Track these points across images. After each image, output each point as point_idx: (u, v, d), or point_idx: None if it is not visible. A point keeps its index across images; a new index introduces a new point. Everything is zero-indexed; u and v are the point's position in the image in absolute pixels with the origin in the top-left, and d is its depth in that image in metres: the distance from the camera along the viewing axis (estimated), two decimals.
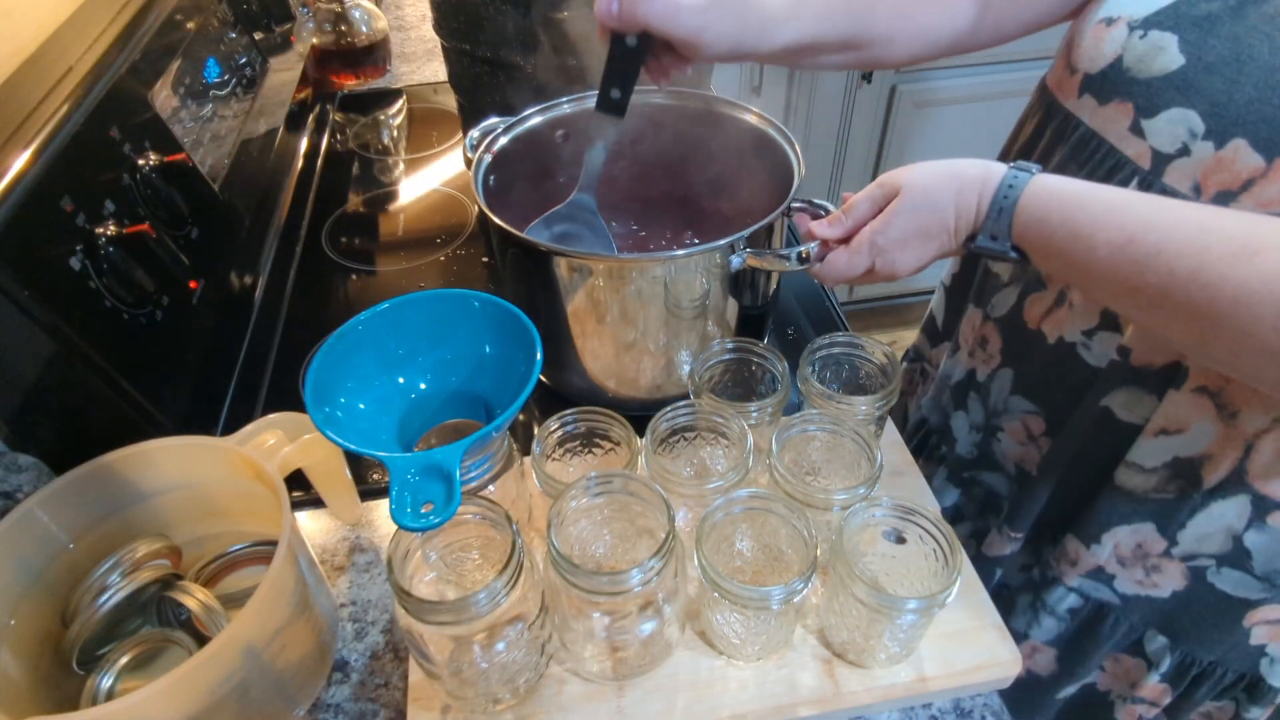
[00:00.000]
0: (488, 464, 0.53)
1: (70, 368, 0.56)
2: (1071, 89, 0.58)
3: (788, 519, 0.51)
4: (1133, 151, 0.53)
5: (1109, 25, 0.54)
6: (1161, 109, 0.51)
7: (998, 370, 0.68)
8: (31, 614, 0.48)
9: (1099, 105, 0.55)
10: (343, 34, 1.24)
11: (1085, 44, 0.56)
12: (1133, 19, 0.53)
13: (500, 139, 0.73)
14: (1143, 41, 0.52)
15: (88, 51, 0.69)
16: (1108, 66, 0.54)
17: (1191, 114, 0.49)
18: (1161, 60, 0.51)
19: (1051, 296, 0.61)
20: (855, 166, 1.97)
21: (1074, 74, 0.57)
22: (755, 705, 0.51)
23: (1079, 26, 0.57)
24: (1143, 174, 0.52)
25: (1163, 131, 0.51)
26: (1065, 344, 0.60)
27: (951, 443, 0.76)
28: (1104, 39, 0.54)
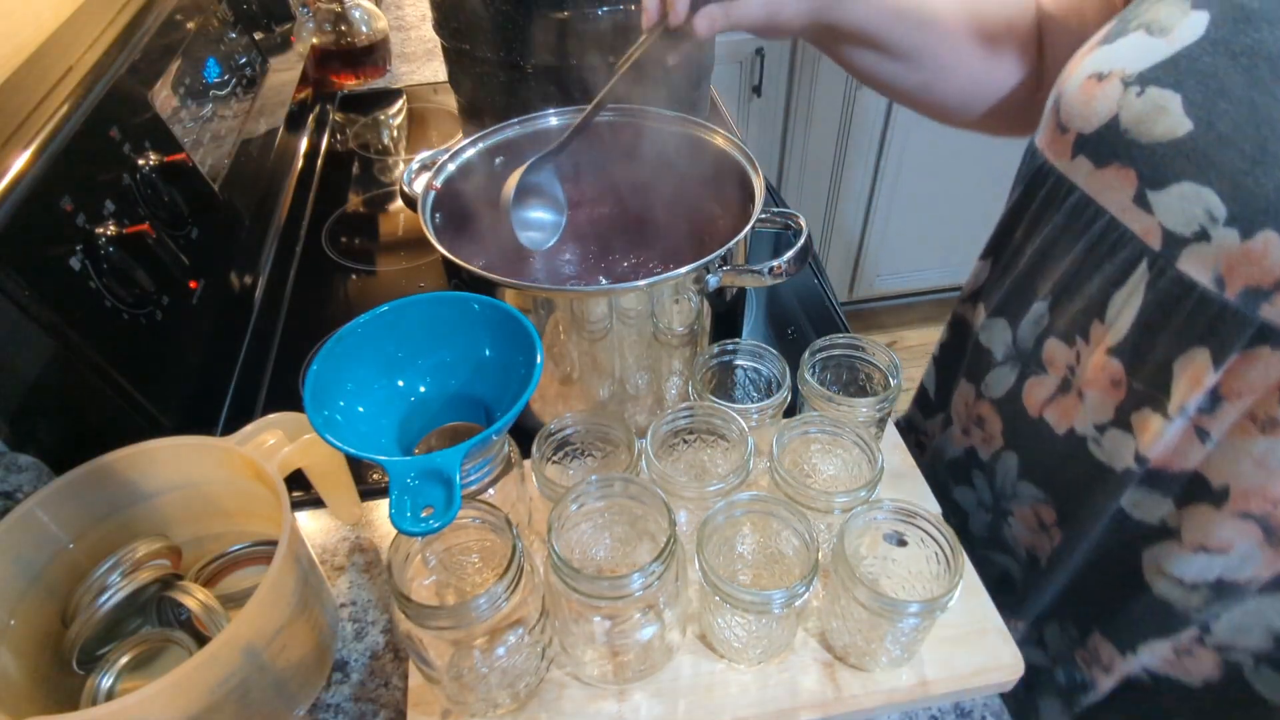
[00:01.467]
0: (488, 467, 0.53)
1: (70, 368, 0.56)
2: (1064, 149, 0.52)
3: (789, 522, 0.51)
4: (1138, 226, 0.47)
5: (1099, 81, 0.49)
6: (1171, 181, 0.45)
7: (1001, 452, 0.62)
8: (31, 614, 0.48)
9: (1095, 168, 0.49)
10: (343, 34, 1.24)
11: (1073, 102, 0.50)
12: (1126, 75, 0.47)
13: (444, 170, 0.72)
14: (1140, 100, 0.46)
15: (88, 51, 0.69)
16: (1103, 126, 0.48)
17: (1208, 192, 0.43)
18: (1165, 123, 0.45)
19: (1053, 383, 0.55)
20: (855, 167, 1.97)
21: (1065, 133, 0.51)
22: (756, 709, 0.51)
23: (1062, 84, 0.52)
24: (1152, 255, 0.46)
25: (1174, 209, 0.45)
26: (1076, 437, 0.54)
27: (963, 517, 0.69)
28: (1095, 97, 0.49)
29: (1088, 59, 0.50)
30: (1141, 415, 0.49)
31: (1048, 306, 0.55)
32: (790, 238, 0.65)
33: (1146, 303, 0.47)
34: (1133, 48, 0.48)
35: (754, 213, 0.64)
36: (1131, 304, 0.48)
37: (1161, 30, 0.47)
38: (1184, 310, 0.45)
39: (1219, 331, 0.44)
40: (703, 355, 0.62)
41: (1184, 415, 0.46)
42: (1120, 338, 0.49)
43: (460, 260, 0.60)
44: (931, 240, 2.14)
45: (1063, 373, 0.54)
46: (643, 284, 0.59)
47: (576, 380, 0.66)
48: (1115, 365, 0.49)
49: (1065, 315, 0.53)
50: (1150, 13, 0.48)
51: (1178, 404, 0.46)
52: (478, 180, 0.75)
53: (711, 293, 0.63)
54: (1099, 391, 0.51)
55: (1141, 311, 0.47)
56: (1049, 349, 0.55)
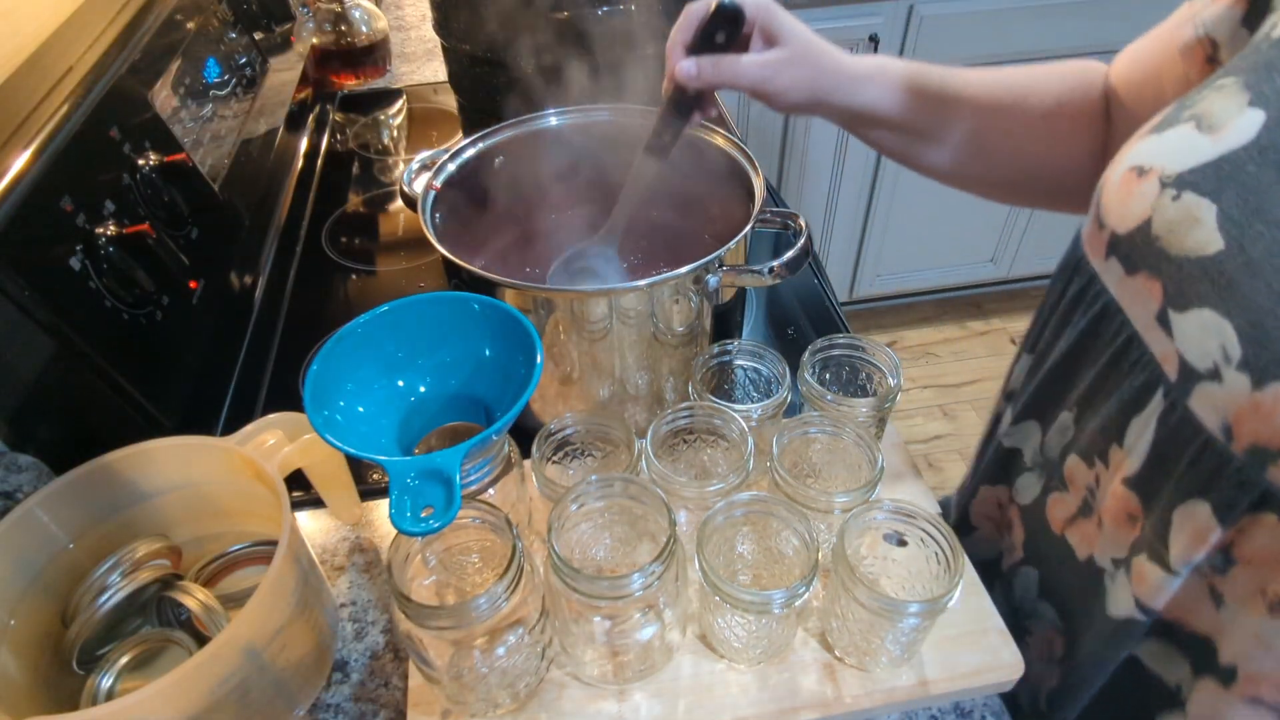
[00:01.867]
0: (487, 467, 0.53)
1: (70, 368, 0.56)
2: (1099, 246, 0.46)
3: (789, 522, 0.51)
4: (1159, 349, 0.41)
5: (1140, 176, 0.42)
6: (1192, 304, 0.39)
7: (1020, 567, 0.57)
8: (31, 614, 0.48)
9: (1126, 274, 0.43)
10: (343, 34, 1.23)
11: (1111, 196, 0.45)
12: (1166, 174, 0.41)
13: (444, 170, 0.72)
14: (1175, 205, 0.40)
15: (88, 51, 0.69)
16: (1135, 229, 0.42)
17: (1227, 326, 0.37)
18: (1197, 236, 0.39)
19: (1074, 502, 0.50)
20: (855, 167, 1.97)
21: (1102, 229, 0.45)
22: (756, 709, 0.51)
23: (1108, 171, 0.46)
24: (1168, 385, 0.41)
25: (1193, 338, 0.39)
26: (1095, 566, 0.48)
27: None
28: (1133, 194, 0.43)
29: (1135, 147, 0.44)
30: (1140, 561, 0.44)
31: (1073, 419, 0.50)
32: (790, 238, 0.65)
33: (1158, 438, 0.42)
34: (1178, 142, 0.42)
35: (754, 213, 0.64)
36: (1145, 436, 0.43)
37: (1211, 126, 0.40)
38: (1188, 455, 0.40)
39: (1221, 488, 0.39)
40: (703, 355, 0.62)
41: (1191, 569, 0.41)
42: (1135, 470, 0.43)
43: (460, 260, 0.60)
44: (931, 240, 2.14)
45: (1083, 493, 0.49)
46: (643, 284, 0.59)
47: (576, 380, 0.66)
48: (1132, 499, 0.44)
49: (1087, 432, 0.48)
50: (1205, 103, 0.42)
51: (1179, 557, 0.41)
52: (478, 180, 0.75)
53: (711, 293, 0.63)
54: (1115, 524, 0.46)
55: (1153, 446, 0.42)
56: (1070, 465, 0.50)
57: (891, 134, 0.65)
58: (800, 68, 0.60)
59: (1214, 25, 0.47)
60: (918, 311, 2.39)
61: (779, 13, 0.61)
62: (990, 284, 2.35)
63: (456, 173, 0.73)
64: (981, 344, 2.31)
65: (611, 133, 0.77)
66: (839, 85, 0.61)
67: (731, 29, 0.60)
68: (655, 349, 0.64)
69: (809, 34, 0.61)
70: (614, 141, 0.78)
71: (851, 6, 1.69)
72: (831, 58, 0.61)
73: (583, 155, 0.79)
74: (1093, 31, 1.76)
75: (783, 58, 0.59)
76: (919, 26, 1.74)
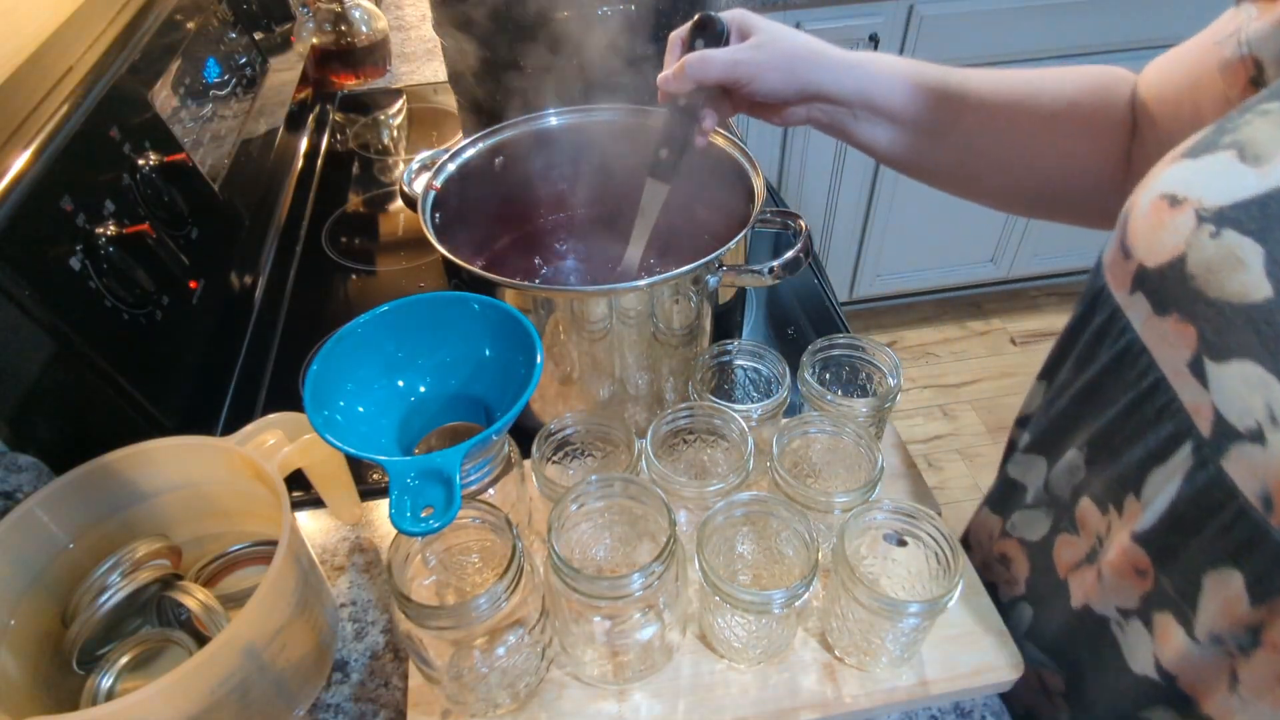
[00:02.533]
0: (488, 467, 0.53)
1: (70, 368, 0.56)
2: (1124, 278, 0.42)
3: (789, 522, 0.51)
4: (1190, 400, 0.38)
5: (1172, 206, 0.38)
6: (1234, 354, 0.35)
7: (1018, 602, 0.55)
8: (31, 614, 0.48)
9: (1154, 313, 0.39)
10: (343, 34, 1.23)
11: (1139, 224, 0.40)
12: (1203, 207, 0.37)
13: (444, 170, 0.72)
14: (1214, 243, 0.36)
15: (88, 51, 0.69)
16: (1167, 265, 0.38)
17: (1273, 382, 0.34)
18: (1239, 279, 0.35)
19: (1084, 548, 0.47)
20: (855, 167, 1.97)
21: (1128, 259, 0.41)
22: (756, 709, 0.51)
23: (1136, 197, 0.42)
24: (1198, 440, 0.37)
25: (1232, 392, 0.35)
26: (1094, 615, 0.46)
27: None
28: (1164, 225, 0.38)
29: (1166, 172, 0.40)
30: (1164, 619, 0.41)
31: (1084, 459, 0.47)
32: (790, 238, 0.65)
33: (1182, 494, 0.38)
34: (1218, 172, 0.38)
35: (754, 213, 0.64)
36: (1167, 490, 0.39)
37: (1256, 157, 0.36)
38: (1220, 520, 0.37)
39: (1255, 560, 0.35)
40: (703, 355, 0.62)
41: (1215, 642, 0.39)
42: (1149, 524, 0.41)
43: (460, 260, 0.60)
44: (931, 240, 2.14)
45: (1092, 540, 0.46)
46: (643, 284, 0.59)
47: (576, 380, 0.66)
48: (1139, 554, 0.42)
49: (1102, 476, 0.45)
50: (1248, 130, 0.38)
51: (1205, 627, 0.39)
52: (478, 180, 0.75)
53: (711, 293, 0.63)
54: (1119, 576, 0.43)
55: (1175, 503, 0.39)
56: (1083, 508, 0.47)
57: (887, 131, 0.63)
58: (771, 52, 0.59)
59: (1259, 43, 0.43)
60: (918, 311, 2.39)
61: (753, 15, 0.61)
62: (990, 284, 2.35)
63: (456, 173, 0.73)
64: (981, 344, 2.31)
65: (611, 133, 0.77)
66: (821, 68, 0.60)
67: (710, 37, 0.61)
68: (655, 349, 0.64)
69: (785, 28, 0.61)
70: (614, 141, 0.78)
71: (851, 6, 1.69)
72: (808, 44, 0.60)
73: (583, 155, 0.79)
74: (1094, 31, 1.76)
75: (751, 44, 0.60)
76: (919, 26, 1.74)
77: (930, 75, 0.61)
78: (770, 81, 0.60)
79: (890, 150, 0.65)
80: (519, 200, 0.80)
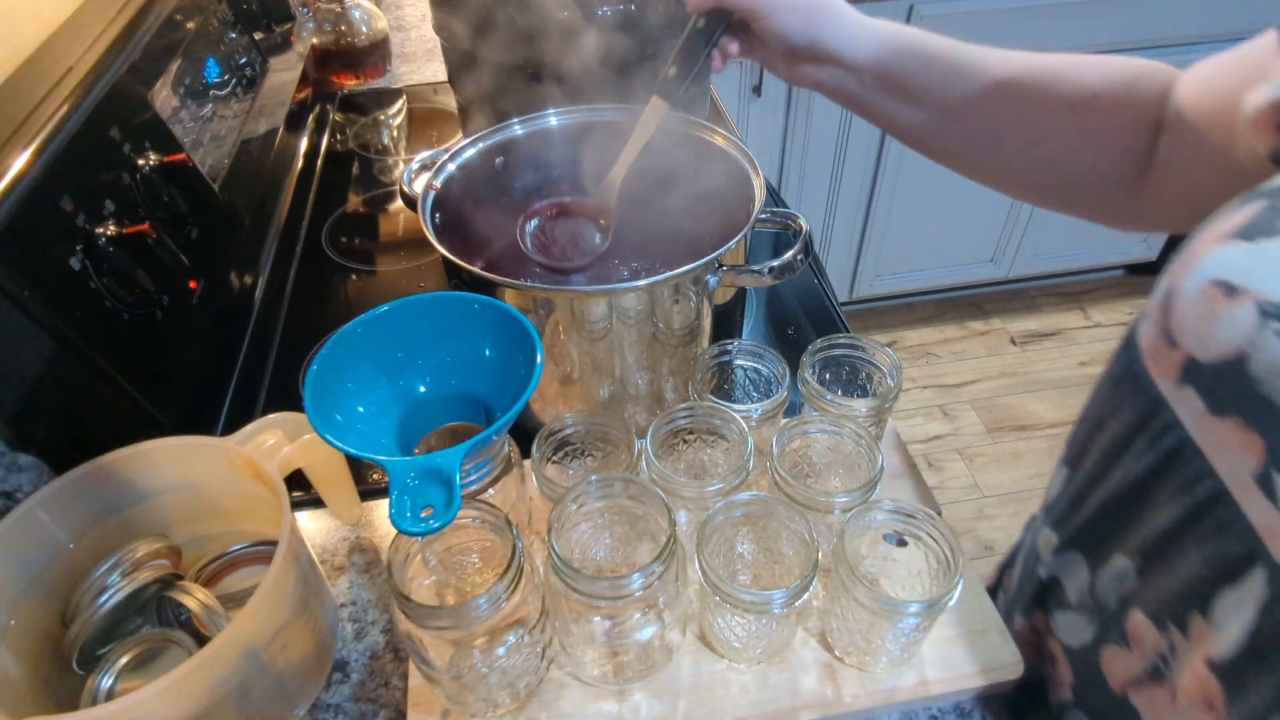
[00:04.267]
0: (487, 467, 0.53)
1: (70, 368, 0.56)
2: (1169, 367, 0.37)
3: (789, 522, 0.51)
4: (1259, 517, 0.34)
5: (1228, 297, 0.34)
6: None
7: (1070, 709, 0.50)
8: (31, 614, 0.48)
9: (1209, 413, 0.35)
10: (343, 34, 1.24)
11: (1187, 311, 0.36)
12: (1267, 302, 0.33)
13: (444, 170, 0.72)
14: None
15: (88, 51, 0.69)
16: (1224, 363, 0.34)
17: None
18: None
19: (1139, 665, 0.42)
20: (855, 167, 1.97)
21: (1173, 347, 0.37)
22: (756, 709, 0.51)
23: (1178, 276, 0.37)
24: (1273, 568, 0.33)
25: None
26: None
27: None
28: (1219, 316, 0.34)
29: (1216, 253, 0.36)
30: None
31: (1134, 568, 0.43)
32: (790, 238, 0.65)
33: (1262, 624, 0.34)
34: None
35: (754, 213, 0.64)
36: (1242, 614, 0.35)
37: None
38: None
39: None
40: (703, 355, 0.62)
41: None
42: (1225, 651, 0.36)
43: (460, 260, 0.60)
44: (931, 240, 2.14)
45: (1152, 659, 0.42)
46: (643, 284, 0.59)
47: (576, 380, 0.66)
48: (1214, 685, 0.37)
49: (1156, 589, 0.41)
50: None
51: None
52: (478, 180, 0.75)
53: (711, 293, 0.63)
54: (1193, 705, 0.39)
55: (1255, 634, 0.35)
56: (1135, 623, 0.42)
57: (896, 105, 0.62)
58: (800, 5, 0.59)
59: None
60: (918, 311, 2.39)
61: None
62: (990, 284, 2.35)
63: (456, 173, 0.73)
64: (981, 344, 2.31)
65: (612, 133, 0.77)
66: (838, 23, 0.59)
67: None
68: (655, 349, 0.64)
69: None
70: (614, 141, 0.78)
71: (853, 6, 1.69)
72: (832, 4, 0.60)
73: (583, 155, 0.79)
74: (1095, 31, 1.76)
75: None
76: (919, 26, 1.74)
77: (951, 50, 0.60)
78: (787, 21, 0.59)
79: (898, 124, 0.64)
80: (519, 200, 0.80)
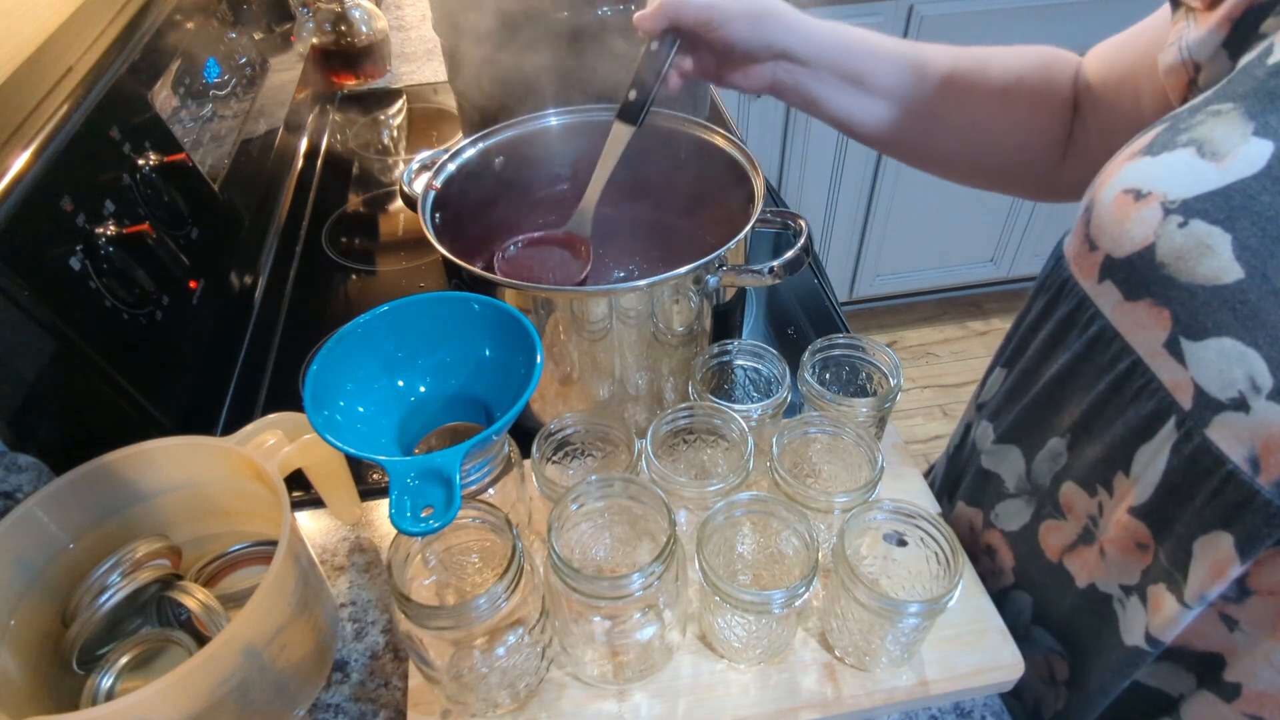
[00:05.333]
0: (487, 467, 0.53)
1: (70, 368, 0.56)
2: (1090, 268, 0.45)
3: (789, 522, 0.51)
4: (1168, 378, 0.40)
5: (1137, 201, 0.41)
6: (1210, 333, 0.38)
7: (1011, 590, 0.56)
8: (31, 614, 0.48)
9: (1124, 300, 0.42)
10: (343, 34, 1.23)
11: (1104, 217, 0.43)
12: (1168, 199, 0.40)
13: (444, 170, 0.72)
14: (1182, 232, 0.39)
15: (88, 51, 0.69)
16: (1135, 254, 0.41)
17: (1253, 355, 0.36)
18: (1209, 264, 0.38)
19: (1073, 530, 0.49)
20: (855, 167, 1.97)
21: (1093, 250, 0.44)
22: (756, 709, 0.51)
23: (1096, 191, 0.45)
24: (1181, 414, 0.40)
25: (1211, 366, 0.38)
26: (1099, 593, 0.48)
27: None
28: (1130, 217, 0.42)
29: (1126, 168, 0.43)
30: (1157, 591, 0.43)
31: (1065, 445, 0.49)
32: (790, 238, 0.65)
33: (1171, 467, 0.41)
34: (1179, 167, 0.41)
35: (754, 213, 0.64)
36: (1156, 464, 0.42)
37: (1214, 154, 0.40)
38: (1208, 486, 0.39)
39: (1245, 520, 0.38)
40: (703, 355, 0.62)
41: (1203, 602, 0.41)
42: (1144, 499, 0.43)
43: (460, 260, 0.60)
44: (931, 240, 2.14)
45: (1083, 521, 0.48)
46: (643, 284, 0.59)
47: (576, 380, 0.66)
48: (1140, 528, 0.43)
49: (1085, 459, 0.47)
50: (1204, 129, 0.41)
51: (1195, 591, 0.41)
52: (478, 180, 0.75)
53: (711, 293, 0.63)
54: (1122, 553, 0.45)
55: (1165, 476, 0.41)
56: (1067, 493, 0.49)
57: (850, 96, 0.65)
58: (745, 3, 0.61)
59: (1197, 48, 0.47)
60: (918, 311, 2.39)
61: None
62: (990, 284, 2.35)
63: (456, 173, 0.73)
64: (981, 344, 2.31)
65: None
66: (789, 29, 0.62)
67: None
68: (655, 349, 0.64)
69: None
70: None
71: (851, 6, 1.69)
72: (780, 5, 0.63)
73: (583, 155, 0.79)
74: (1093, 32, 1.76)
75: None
76: (919, 26, 1.74)
77: (893, 44, 0.64)
78: (739, 30, 0.62)
79: (849, 115, 0.67)
80: (519, 200, 0.80)
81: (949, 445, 0.66)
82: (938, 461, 0.70)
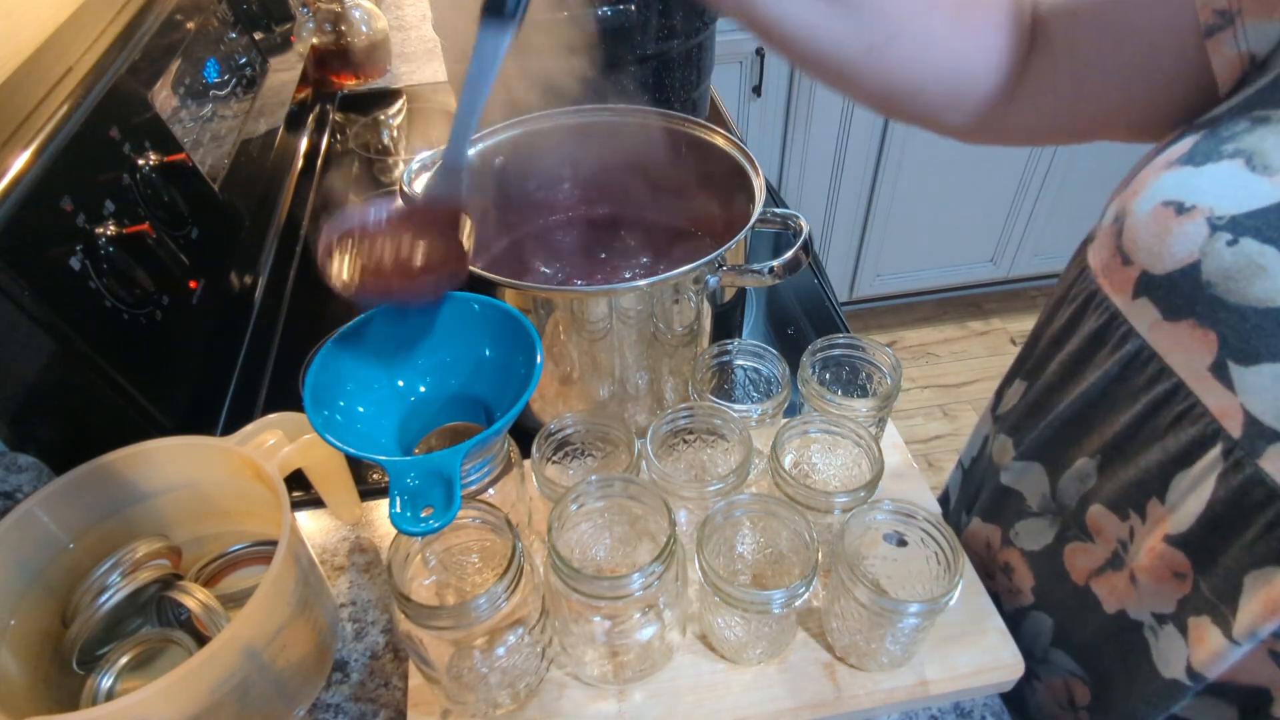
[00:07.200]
0: (487, 467, 0.53)
1: (70, 368, 0.56)
2: (1124, 283, 0.42)
3: (789, 522, 0.51)
4: (1214, 403, 0.38)
5: (1180, 215, 0.39)
6: (1263, 358, 0.36)
7: (1030, 611, 0.54)
8: (31, 614, 0.48)
9: (1163, 319, 0.40)
10: (343, 34, 1.23)
11: (1141, 230, 0.41)
12: (1216, 215, 0.38)
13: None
14: (1231, 251, 0.37)
15: (88, 51, 0.69)
16: (1178, 272, 0.39)
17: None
18: (1263, 285, 0.36)
19: (1102, 554, 0.47)
20: (855, 167, 1.97)
21: (1127, 264, 0.41)
22: (756, 709, 0.51)
23: (1128, 201, 0.42)
24: (1229, 442, 0.38)
25: (1264, 392, 0.36)
26: (1130, 620, 0.46)
27: None
28: (1171, 233, 0.39)
29: (1164, 178, 0.41)
30: (1200, 623, 0.41)
31: (1095, 466, 0.47)
32: (790, 238, 0.65)
33: (1216, 498, 0.39)
34: (1226, 180, 0.38)
35: (754, 213, 0.64)
36: (1199, 494, 0.40)
37: (1265, 167, 0.37)
38: (1262, 520, 0.37)
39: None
40: (703, 355, 0.62)
41: (1254, 640, 0.39)
42: (1184, 528, 0.41)
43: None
44: (931, 240, 2.14)
45: (1113, 545, 0.46)
46: (643, 284, 0.59)
47: (576, 380, 0.66)
48: (1179, 557, 0.41)
49: (1116, 482, 0.45)
50: (1252, 139, 0.39)
51: (1245, 627, 0.39)
52: (477, 180, 0.75)
53: (711, 293, 0.63)
54: (1156, 581, 0.43)
55: (1210, 506, 0.39)
56: (1095, 515, 0.47)
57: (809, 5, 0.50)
58: None
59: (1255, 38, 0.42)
60: (918, 311, 2.39)
61: None
62: (990, 284, 2.35)
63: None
64: (981, 344, 2.31)
65: (612, 133, 0.77)
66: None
67: None
68: (655, 349, 0.64)
69: None
70: (614, 141, 0.78)
71: None
72: None
73: (583, 155, 0.79)
74: None
75: None
76: None
77: None
78: None
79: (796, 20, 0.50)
80: (519, 200, 0.80)
81: (963, 456, 0.64)
82: (951, 473, 0.67)
